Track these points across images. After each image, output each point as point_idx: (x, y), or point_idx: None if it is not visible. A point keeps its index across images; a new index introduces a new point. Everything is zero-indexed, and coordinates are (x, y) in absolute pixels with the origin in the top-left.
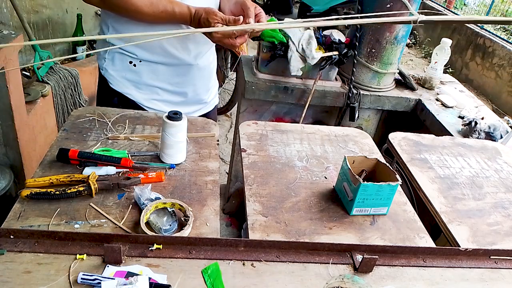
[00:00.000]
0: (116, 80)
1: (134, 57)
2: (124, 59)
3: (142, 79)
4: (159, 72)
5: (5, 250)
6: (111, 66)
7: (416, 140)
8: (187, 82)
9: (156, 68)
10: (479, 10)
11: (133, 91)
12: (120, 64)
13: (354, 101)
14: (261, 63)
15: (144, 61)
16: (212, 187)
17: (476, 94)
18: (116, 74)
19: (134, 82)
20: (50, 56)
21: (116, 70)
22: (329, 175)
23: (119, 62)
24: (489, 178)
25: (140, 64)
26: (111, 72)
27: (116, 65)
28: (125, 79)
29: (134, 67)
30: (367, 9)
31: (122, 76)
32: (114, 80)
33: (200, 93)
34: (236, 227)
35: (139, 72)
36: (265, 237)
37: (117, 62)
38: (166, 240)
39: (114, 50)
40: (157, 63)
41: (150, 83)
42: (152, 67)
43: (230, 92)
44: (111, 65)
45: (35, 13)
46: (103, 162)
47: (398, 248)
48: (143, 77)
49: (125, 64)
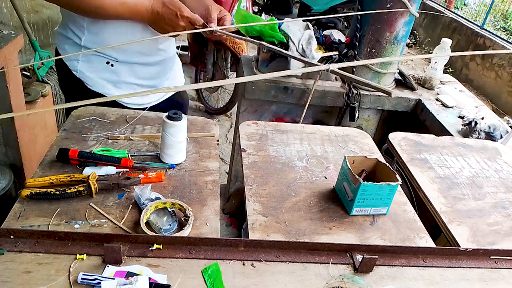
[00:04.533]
0: (94, 82)
1: (111, 58)
2: (100, 60)
3: (120, 78)
4: (136, 70)
5: (5, 250)
6: (88, 67)
7: (416, 140)
8: (162, 74)
9: (133, 67)
10: (479, 10)
11: (112, 90)
12: (97, 65)
13: (354, 101)
14: (261, 63)
15: (121, 61)
16: (212, 187)
17: (476, 94)
18: (94, 76)
19: (113, 82)
20: (50, 56)
21: (93, 72)
22: (329, 175)
23: (96, 64)
24: (489, 178)
25: (117, 64)
26: (88, 74)
27: (93, 67)
28: (104, 80)
29: (112, 67)
30: (367, 9)
31: (101, 77)
32: (92, 81)
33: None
34: (236, 227)
35: (117, 72)
36: (265, 237)
37: (94, 63)
38: (166, 240)
39: (89, 53)
40: (133, 63)
41: (128, 81)
42: (129, 66)
43: (230, 92)
44: (87, 67)
45: (35, 13)
46: (103, 162)
47: (398, 248)
48: (122, 76)
49: (102, 65)
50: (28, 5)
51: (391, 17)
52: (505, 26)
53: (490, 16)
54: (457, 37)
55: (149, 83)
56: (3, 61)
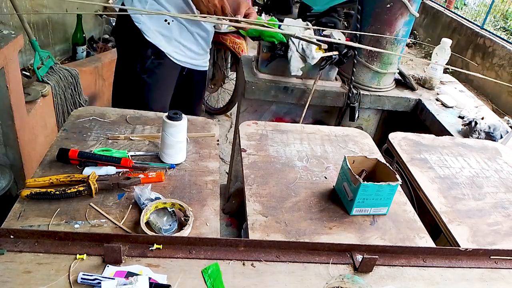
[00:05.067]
0: (152, 33)
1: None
2: (160, 17)
3: (172, 35)
4: (186, 33)
5: (5, 250)
6: (149, 20)
7: (416, 140)
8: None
9: (183, 29)
10: (479, 10)
11: (165, 44)
12: (156, 20)
13: (354, 101)
14: (261, 63)
15: (176, 21)
16: (212, 187)
17: (476, 94)
18: (153, 27)
19: (167, 37)
20: (50, 56)
21: (153, 24)
22: (329, 175)
23: (156, 18)
24: (489, 178)
25: (172, 23)
26: (149, 25)
27: (153, 21)
28: (159, 33)
29: (168, 24)
30: (367, 9)
31: (157, 30)
32: (150, 32)
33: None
34: (236, 227)
35: (171, 29)
36: (265, 237)
37: (154, 18)
38: (166, 240)
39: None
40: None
41: (179, 40)
42: (180, 27)
43: (230, 92)
44: (148, 19)
45: (35, 13)
46: (103, 162)
47: (398, 248)
48: (173, 34)
49: (161, 21)
50: (28, 5)
51: (391, 17)
52: (505, 26)
53: (490, 16)
54: (457, 37)
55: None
56: (3, 61)
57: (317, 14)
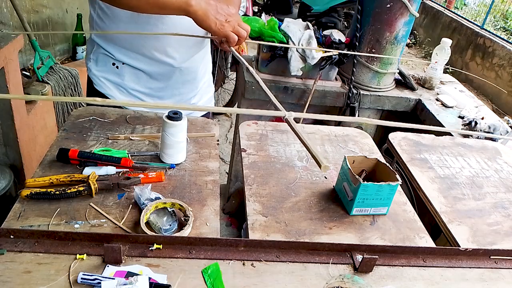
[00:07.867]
0: (99, 81)
1: (117, 60)
2: (107, 60)
3: (124, 82)
4: (140, 77)
5: (5, 250)
6: (95, 66)
7: (416, 140)
8: (169, 87)
9: (137, 73)
10: (479, 10)
11: (116, 93)
12: (103, 65)
13: (354, 101)
14: (261, 63)
15: (126, 64)
16: (212, 187)
17: (476, 94)
18: (99, 75)
19: (117, 84)
20: (50, 56)
21: (99, 71)
22: (329, 175)
23: (102, 63)
24: (489, 178)
25: (122, 67)
26: (95, 73)
27: (100, 66)
28: (108, 81)
29: (117, 69)
30: (367, 9)
31: (105, 77)
32: (97, 80)
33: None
34: (236, 227)
35: (122, 75)
36: (265, 237)
37: (100, 63)
38: (166, 240)
39: (99, 51)
40: (138, 68)
41: (132, 87)
42: (133, 71)
43: (230, 92)
44: (95, 66)
45: (35, 13)
46: (103, 162)
47: (398, 248)
48: (125, 80)
49: (108, 66)
50: (28, 5)
51: (391, 17)
52: (505, 26)
53: (490, 16)
54: (457, 37)
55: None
56: (3, 61)
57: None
